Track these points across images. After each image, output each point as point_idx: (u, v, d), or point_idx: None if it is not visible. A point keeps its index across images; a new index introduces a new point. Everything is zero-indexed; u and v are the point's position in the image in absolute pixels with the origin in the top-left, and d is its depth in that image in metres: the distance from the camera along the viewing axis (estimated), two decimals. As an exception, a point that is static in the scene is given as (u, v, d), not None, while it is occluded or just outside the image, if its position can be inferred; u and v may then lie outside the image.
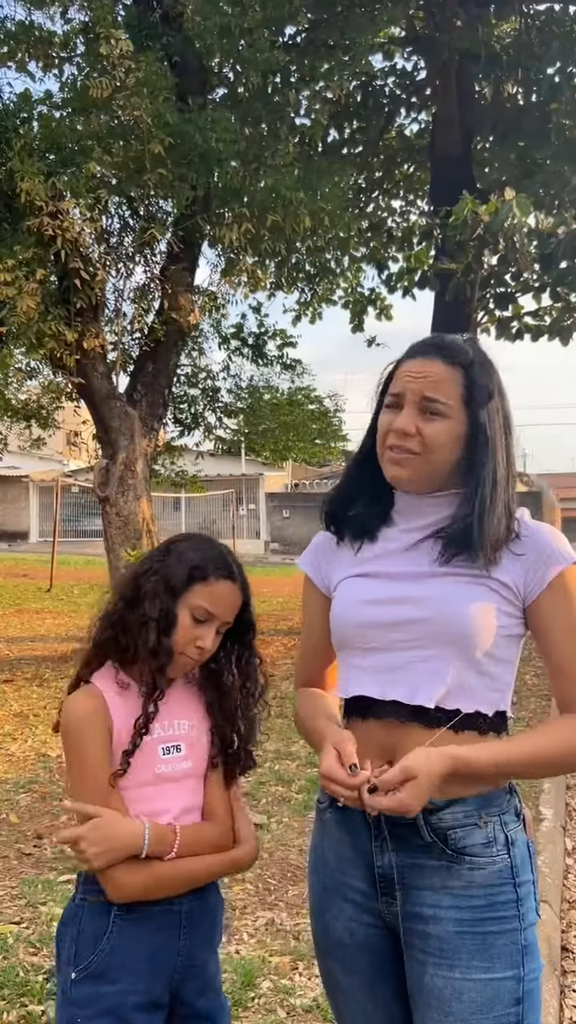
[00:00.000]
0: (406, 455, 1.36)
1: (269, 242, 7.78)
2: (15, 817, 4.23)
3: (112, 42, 6.56)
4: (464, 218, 7.57)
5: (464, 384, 1.36)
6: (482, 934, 1.30)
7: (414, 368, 1.38)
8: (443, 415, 1.35)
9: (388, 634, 1.37)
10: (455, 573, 1.36)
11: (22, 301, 6.54)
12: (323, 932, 1.47)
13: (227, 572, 1.48)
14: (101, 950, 1.41)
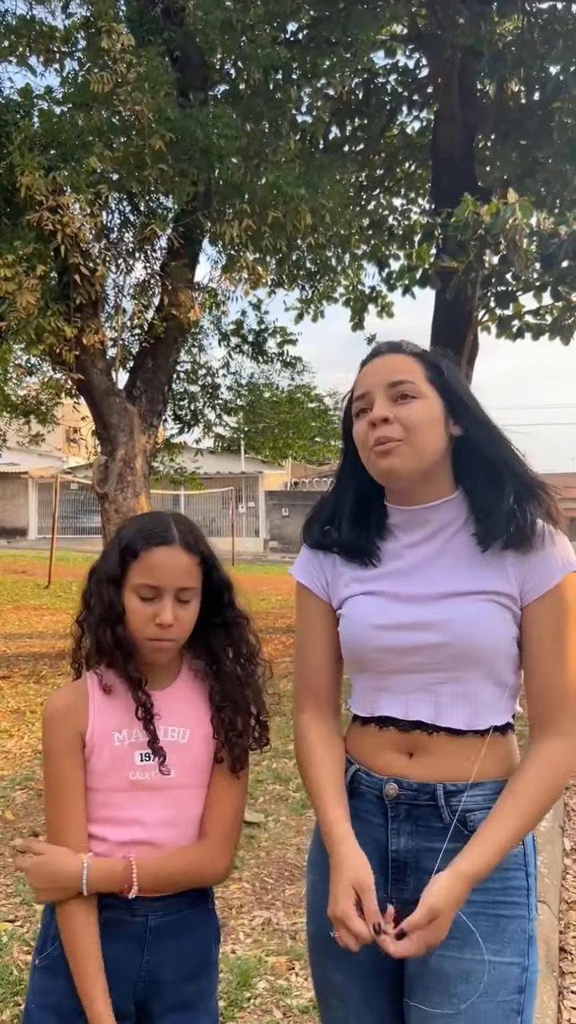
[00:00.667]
0: (390, 443, 1.34)
1: (270, 239, 7.75)
2: (11, 814, 4.21)
3: (113, 37, 6.53)
4: (465, 220, 7.55)
5: (423, 366, 1.38)
6: (495, 917, 1.30)
7: (373, 367, 1.40)
8: (414, 395, 1.35)
9: (407, 658, 1.36)
10: (466, 592, 1.34)
11: (22, 296, 6.51)
12: (321, 928, 1.43)
13: (159, 539, 1.40)
14: (54, 948, 1.40)
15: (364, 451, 1.38)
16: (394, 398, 1.35)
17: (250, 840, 3.88)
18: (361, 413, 1.39)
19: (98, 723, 1.42)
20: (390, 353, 1.41)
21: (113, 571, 1.40)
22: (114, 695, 1.44)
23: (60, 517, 17.12)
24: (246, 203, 7.35)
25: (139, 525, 1.44)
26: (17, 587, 14.69)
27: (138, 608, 1.39)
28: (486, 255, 8.32)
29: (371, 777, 1.40)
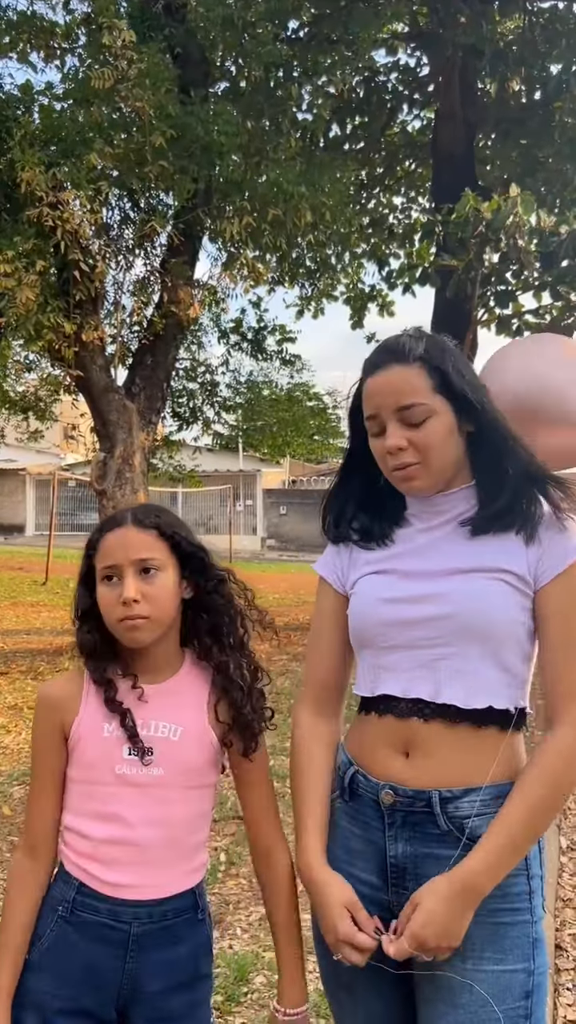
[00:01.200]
0: (411, 468, 1.35)
1: (270, 236, 7.76)
2: (8, 809, 4.21)
3: (115, 32, 6.53)
4: (466, 215, 7.55)
5: (428, 374, 1.35)
6: (495, 924, 1.29)
7: (378, 384, 1.36)
8: (426, 416, 1.34)
9: (409, 632, 1.36)
10: (475, 569, 1.34)
11: (21, 292, 6.51)
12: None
13: (113, 523, 1.42)
14: (41, 944, 1.39)
15: (383, 468, 1.40)
16: (405, 421, 1.34)
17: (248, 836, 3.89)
18: (376, 432, 1.38)
19: (88, 713, 1.41)
20: (394, 364, 1.35)
21: (83, 571, 1.44)
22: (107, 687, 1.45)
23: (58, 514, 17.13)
24: (246, 200, 7.36)
25: (101, 526, 1.47)
26: (14, 584, 14.69)
27: (105, 594, 1.38)
28: (486, 253, 8.32)
29: (369, 781, 1.39)
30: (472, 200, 7.49)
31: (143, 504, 1.50)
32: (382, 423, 1.36)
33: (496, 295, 9.96)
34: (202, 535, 1.57)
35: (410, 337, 1.39)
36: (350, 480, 1.49)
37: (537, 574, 1.33)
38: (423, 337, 1.39)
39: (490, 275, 9.40)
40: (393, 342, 1.39)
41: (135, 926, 1.38)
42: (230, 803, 4.29)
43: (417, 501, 1.42)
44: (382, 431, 1.36)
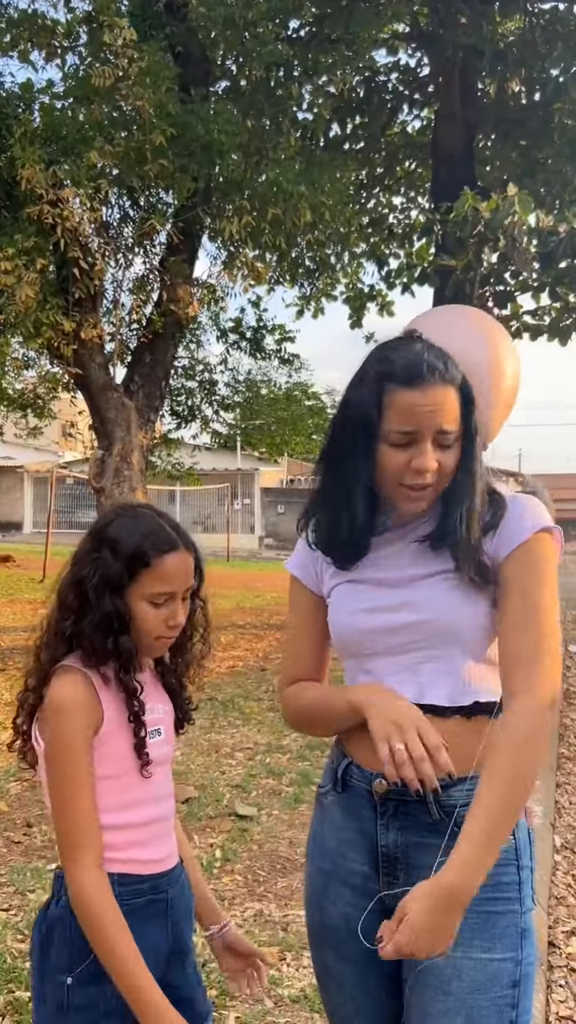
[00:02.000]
0: (424, 491, 1.35)
1: (269, 236, 7.76)
2: (5, 805, 4.23)
3: (115, 31, 6.53)
4: (464, 214, 7.56)
5: (461, 401, 1.36)
6: (484, 913, 1.30)
7: (424, 402, 1.30)
8: (454, 441, 1.36)
9: (389, 639, 1.39)
10: (443, 571, 1.37)
11: (21, 290, 6.51)
12: (319, 919, 1.47)
13: (169, 546, 1.40)
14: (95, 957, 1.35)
15: (392, 480, 1.35)
16: (439, 443, 1.34)
17: (243, 833, 3.91)
18: (400, 444, 1.33)
19: (113, 710, 1.42)
20: (443, 385, 1.32)
21: (119, 580, 1.38)
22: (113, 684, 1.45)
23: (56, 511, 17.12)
24: (246, 199, 7.36)
25: (138, 532, 1.40)
26: (11, 581, 14.69)
27: (151, 614, 1.40)
28: (485, 253, 8.34)
29: (362, 771, 1.41)
30: (471, 199, 7.50)
31: (163, 514, 1.47)
32: (416, 440, 1.32)
33: (495, 296, 9.97)
34: (200, 533, 1.60)
35: (451, 359, 1.36)
36: (336, 487, 1.43)
37: (496, 555, 1.36)
38: (449, 358, 1.36)
39: (489, 275, 9.42)
40: (436, 361, 1.33)
41: (169, 891, 1.46)
42: (225, 800, 4.32)
43: (391, 509, 1.44)
44: (409, 445, 1.32)
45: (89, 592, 1.39)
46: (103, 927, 1.32)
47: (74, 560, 1.47)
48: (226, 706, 6.36)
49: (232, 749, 5.27)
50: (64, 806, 1.36)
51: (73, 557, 1.48)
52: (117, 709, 1.42)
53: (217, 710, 6.21)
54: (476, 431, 1.38)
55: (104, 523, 1.46)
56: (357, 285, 11.97)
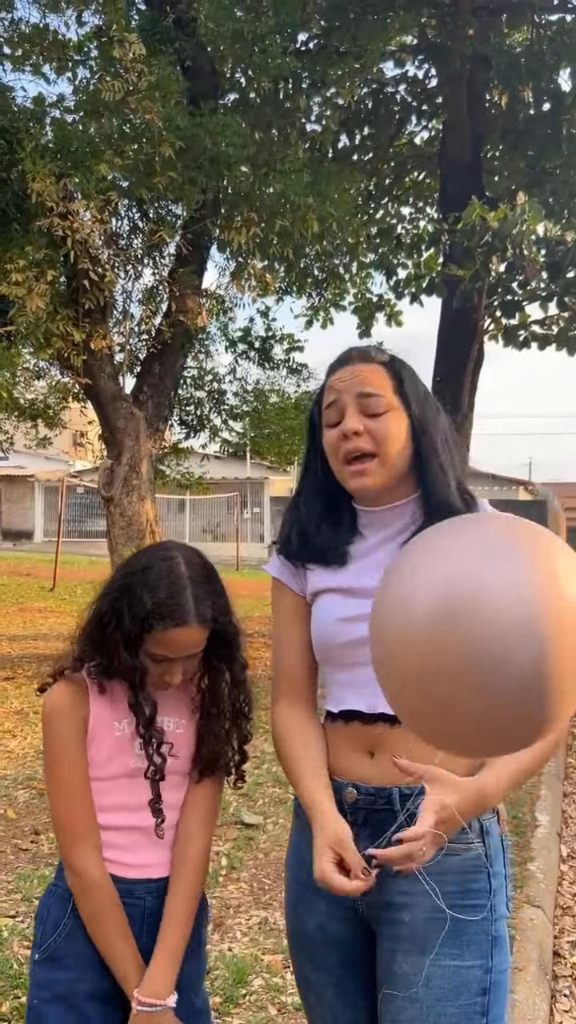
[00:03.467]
0: (365, 463, 1.38)
1: (277, 247, 7.81)
2: (13, 813, 4.25)
3: (125, 46, 6.61)
4: (472, 224, 7.59)
5: (391, 377, 1.41)
6: (453, 920, 1.31)
7: (342, 375, 1.41)
8: (384, 408, 1.38)
9: (366, 649, 1.38)
10: None
11: (31, 301, 6.58)
12: (296, 928, 1.49)
13: (177, 621, 1.42)
14: (58, 935, 1.44)
15: (335, 461, 1.42)
16: (364, 410, 1.38)
17: (248, 842, 3.92)
18: (332, 423, 1.42)
19: (99, 714, 1.47)
20: (360, 362, 1.42)
21: (132, 634, 1.43)
22: (111, 690, 1.49)
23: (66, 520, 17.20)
24: (254, 211, 7.42)
25: (156, 595, 1.42)
26: (22, 589, 14.76)
27: (150, 667, 1.46)
28: (493, 263, 8.36)
29: (334, 781, 1.42)
30: (478, 209, 7.53)
31: (196, 569, 1.47)
32: (342, 409, 1.39)
33: (502, 305, 9.98)
34: (209, 542, 1.62)
35: (375, 347, 1.47)
36: (312, 496, 1.50)
37: None
38: (387, 351, 1.46)
39: (497, 285, 9.44)
40: (360, 346, 1.47)
41: (148, 900, 1.47)
42: (232, 808, 4.33)
43: (366, 513, 1.46)
44: (340, 419, 1.39)
45: (109, 636, 1.45)
46: (103, 917, 1.43)
47: (106, 585, 1.52)
48: (234, 715, 6.37)
49: (239, 758, 5.28)
50: (61, 801, 1.46)
51: (107, 584, 1.53)
52: (105, 716, 1.47)
53: (225, 719, 6.22)
54: (424, 420, 1.41)
55: (136, 566, 1.48)
56: (366, 295, 12.01)
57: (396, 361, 1.44)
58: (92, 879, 1.43)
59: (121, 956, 1.42)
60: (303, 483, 1.52)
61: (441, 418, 1.45)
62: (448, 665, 0.97)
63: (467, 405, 10.10)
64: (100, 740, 1.47)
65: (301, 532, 1.50)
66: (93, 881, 1.43)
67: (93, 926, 1.43)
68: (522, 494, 31.55)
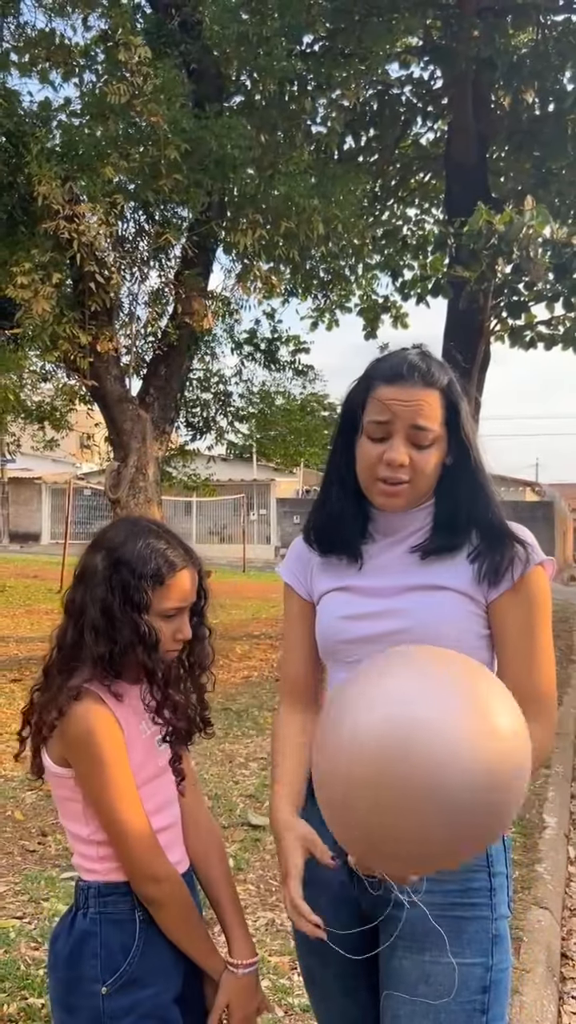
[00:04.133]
0: (399, 487, 1.38)
1: (283, 248, 7.82)
2: (20, 814, 4.26)
3: (131, 49, 6.63)
4: (479, 228, 7.60)
5: (444, 407, 1.39)
6: (454, 919, 1.32)
7: (401, 396, 1.37)
8: (432, 442, 1.38)
9: (368, 647, 1.40)
10: (428, 586, 1.39)
11: (38, 304, 6.60)
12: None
13: (181, 563, 1.47)
14: (132, 958, 1.42)
15: (366, 474, 1.41)
16: (413, 440, 1.37)
17: (255, 843, 3.92)
18: (376, 437, 1.39)
19: (125, 721, 1.46)
20: (422, 386, 1.37)
21: (143, 601, 1.43)
22: (124, 695, 1.49)
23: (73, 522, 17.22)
24: (260, 213, 7.43)
25: (152, 552, 1.45)
26: (30, 591, 14.79)
27: (163, 628, 1.46)
28: (498, 264, 8.36)
29: None
30: (485, 214, 7.54)
31: (177, 536, 1.52)
32: (389, 432, 1.37)
33: (509, 306, 9.98)
34: (216, 544, 1.63)
35: (439, 365, 1.42)
36: (331, 490, 1.51)
37: (489, 588, 1.39)
38: (444, 366, 1.42)
39: (503, 286, 9.43)
40: (420, 363, 1.39)
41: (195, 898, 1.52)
42: (239, 810, 4.33)
43: (380, 516, 1.47)
44: (384, 439, 1.38)
45: (118, 614, 1.42)
46: (190, 913, 1.48)
47: (85, 578, 1.48)
48: (240, 716, 6.38)
49: (246, 759, 5.28)
50: (130, 817, 1.42)
51: (83, 574, 1.49)
52: (129, 725, 1.47)
53: (231, 720, 6.22)
54: (469, 444, 1.41)
55: (115, 542, 1.48)
56: (371, 297, 12.01)
57: (453, 387, 1.41)
58: (175, 881, 1.46)
59: (208, 948, 1.49)
60: (330, 471, 1.51)
61: (482, 444, 1.45)
62: (394, 798, 1.02)
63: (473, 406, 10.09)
64: (133, 747, 1.46)
65: (326, 522, 1.51)
66: (176, 883, 1.46)
67: (182, 928, 1.46)
68: (529, 495, 31.50)
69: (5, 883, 3.46)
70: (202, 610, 1.57)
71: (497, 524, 1.41)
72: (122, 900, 1.44)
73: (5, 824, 4.14)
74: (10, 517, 31.86)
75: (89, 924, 1.44)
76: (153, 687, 1.46)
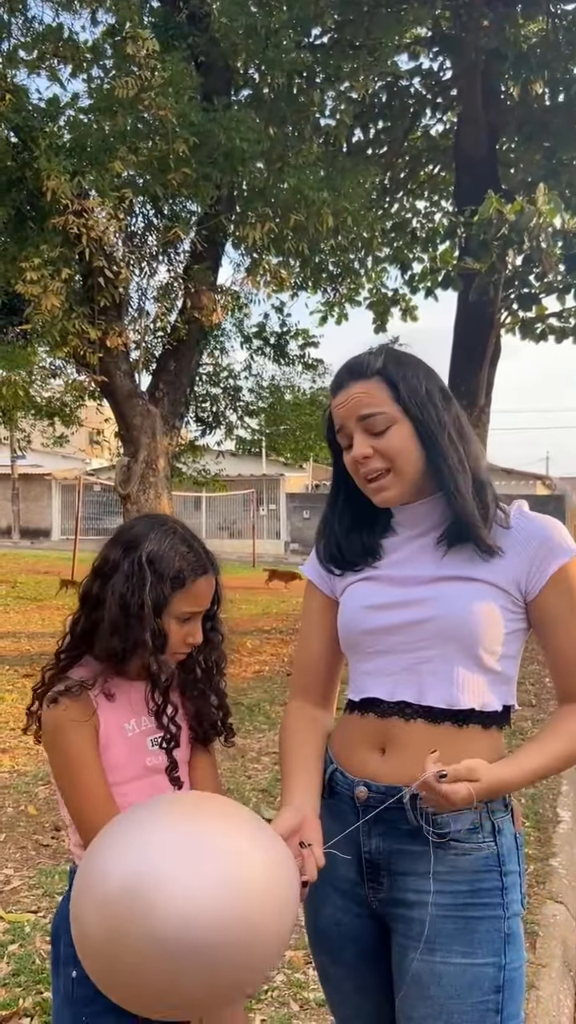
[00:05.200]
0: (381, 479, 1.39)
1: (292, 242, 7.79)
2: (33, 809, 4.27)
3: (139, 43, 6.60)
4: (488, 218, 7.55)
5: (388, 387, 1.38)
6: (464, 919, 1.31)
7: (340, 400, 1.41)
8: (387, 424, 1.37)
9: (391, 637, 1.40)
10: (456, 576, 1.37)
11: (47, 299, 6.60)
12: (313, 924, 1.49)
13: (202, 570, 1.46)
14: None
15: (358, 480, 1.43)
16: (369, 430, 1.38)
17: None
18: (345, 446, 1.43)
19: (107, 720, 1.45)
20: (353, 381, 1.40)
21: (161, 601, 1.42)
22: (118, 694, 1.48)
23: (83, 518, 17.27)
24: (268, 206, 7.40)
25: (176, 553, 1.45)
26: (40, 587, 14.83)
27: (176, 630, 1.45)
28: (509, 255, 8.31)
29: (346, 778, 1.43)
30: (495, 202, 7.49)
31: (200, 542, 1.51)
32: (349, 435, 1.40)
33: (519, 298, 9.93)
34: (226, 539, 1.62)
35: (369, 354, 1.43)
36: (338, 502, 1.52)
37: (528, 580, 1.37)
38: (383, 353, 1.42)
39: (513, 278, 9.38)
40: (352, 361, 1.44)
41: None
42: (251, 804, 4.33)
43: (399, 510, 1.45)
44: (349, 443, 1.41)
45: (133, 610, 1.41)
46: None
47: (105, 571, 1.47)
48: (252, 711, 6.37)
49: (258, 753, 5.28)
50: (87, 809, 1.41)
51: (103, 567, 1.48)
52: (114, 721, 1.45)
53: (243, 715, 6.22)
54: (426, 422, 1.38)
55: (139, 538, 1.47)
56: (380, 290, 11.97)
57: (390, 365, 1.40)
58: None
59: None
60: (332, 496, 1.54)
61: (449, 412, 1.41)
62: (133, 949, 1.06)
63: (484, 399, 10.05)
64: (114, 745, 1.45)
65: (334, 545, 1.52)
66: None
67: None
68: (539, 489, 31.39)
69: (20, 877, 3.47)
70: (215, 615, 1.56)
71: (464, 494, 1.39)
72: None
73: (19, 819, 4.15)
74: (21, 513, 31.97)
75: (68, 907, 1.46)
76: (155, 690, 1.45)
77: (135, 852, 1.10)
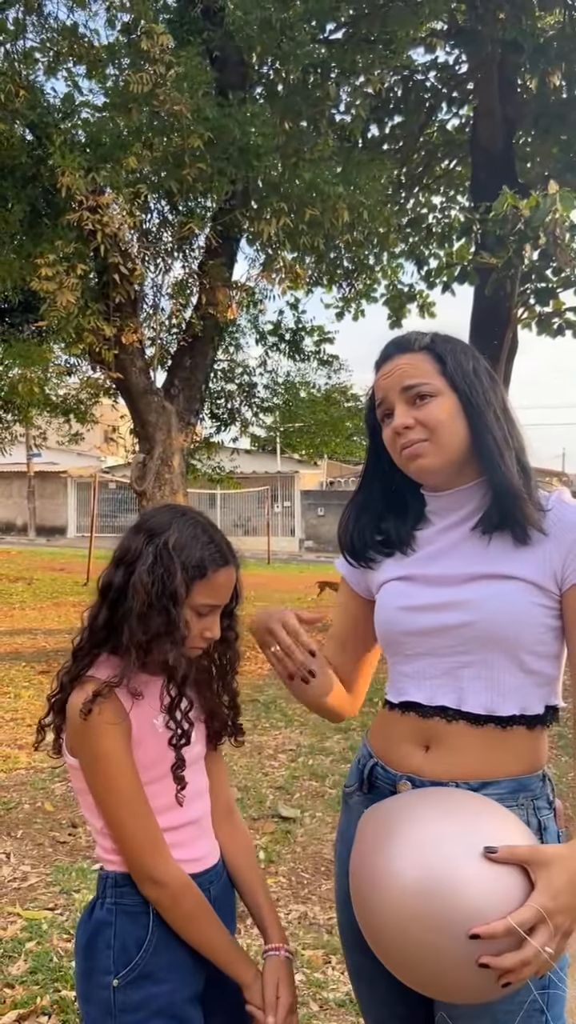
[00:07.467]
0: (419, 445, 1.36)
1: (307, 237, 7.75)
2: (50, 806, 4.27)
3: (153, 38, 6.58)
4: (504, 213, 7.48)
5: (435, 361, 1.38)
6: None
7: (385, 371, 1.40)
8: (430, 394, 1.36)
9: (430, 640, 1.36)
10: (493, 575, 1.33)
11: (62, 296, 6.60)
12: (347, 920, 1.45)
13: (223, 561, 1.43)
14: (145, 952, 1.38)
15: (395, 453, 1.41)
16: (411, 400, 1.36)
17: (286, 835, 3.89)
18: (385, 419, 1.41)
19: (139, 718, 1.42)
20: (399, 354, 1.40)
21: (180, 591, 1.38)
22: (145, 691, 1.44)
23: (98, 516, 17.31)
24: (284, 201, 7.36)
25: (198, 543, 1.41)
26: (56, 584, 14.89)
27: (194, 623, 1.42)
28: (525, 250, 8.23)
29: (388, 772, 1.40)
30: (510, 198, 7.42)
31: (221, 534, 1.48)
32: (390, 406, 1.39)
33: (536, 292, 9.84)
34: (240, 536, 1.60)
35: (416, 332, 1.44)
36: (371, 488, 1.51)
37: (565, 575, 1.31)
38: (429, 333, 1.43)
39: (530, 272, 9.30)
40: (399, 336, 1.44)
41: (212, 889, 1.47)
42: (268, 801, 4.31)
43: (434, 498, 1.42)
44: (390, 415, 1.39)
45: (154, 601, 1.37)
46: (199, 917, 1.40)
47: (126, 560, 1.43)
48: (268, 708, 6.36)
49: (275, 751, 5.26)
50: (128, 816, 1.38)
51: (124, 556, 1.44)
52: (145, 717, 1.42)
53: (259, 712, 6.21)
54: (473, 395, 1.35)
55: (161, 527, 1.43)
56: (396, 286, 11.90)
57: (438, 342, 1.40)
58: (180, 884, 1.39)
59: (225, 946, 1.42)
60: (363, 482, 1.52)
61: (495, 392, 1.39)
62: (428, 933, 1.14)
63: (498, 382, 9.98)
64: (145, 743, 1.42)
65: (361, 527, 1.50)
66: (181, 886, 1.39)
67: (190, 929, 1.40)
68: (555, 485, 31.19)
69: (37, 874, 3.46)
70: (233, 612, 1.53)
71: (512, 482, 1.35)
72: (136, 892, 1.40)
73: (35, 815, 4.15)
74: (36, 511, 32.12)
75: (105, 914, 1.42)
76: (170, 684, 1.42)
77: (427, 848, 1.16)
